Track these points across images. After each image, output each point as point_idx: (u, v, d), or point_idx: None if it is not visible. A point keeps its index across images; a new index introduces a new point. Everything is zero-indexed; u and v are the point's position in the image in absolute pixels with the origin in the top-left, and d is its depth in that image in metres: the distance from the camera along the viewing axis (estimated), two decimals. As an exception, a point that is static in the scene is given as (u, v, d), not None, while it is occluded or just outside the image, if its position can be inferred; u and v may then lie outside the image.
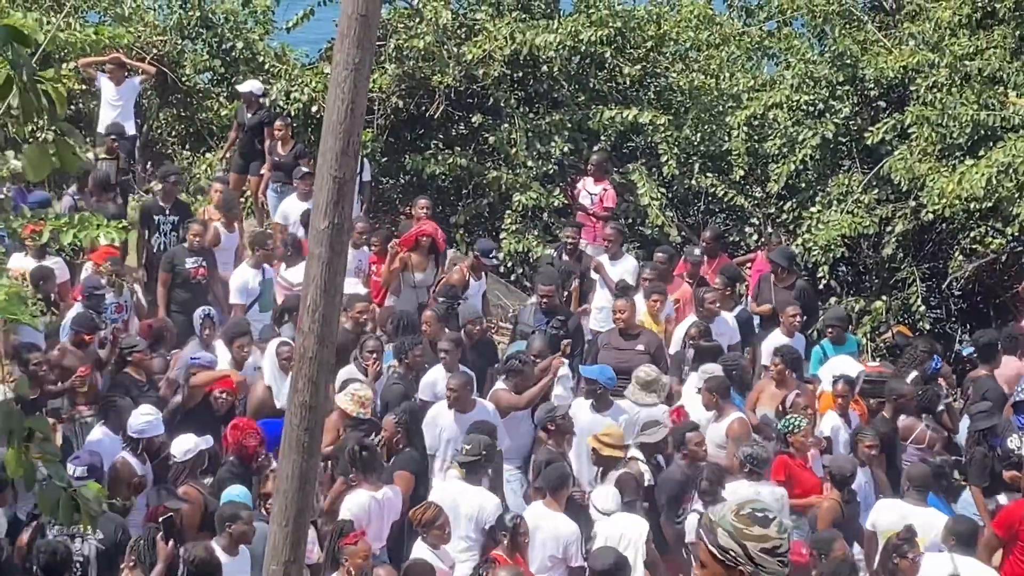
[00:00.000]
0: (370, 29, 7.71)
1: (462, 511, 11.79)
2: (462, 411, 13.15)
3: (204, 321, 14.36)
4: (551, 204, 18.80)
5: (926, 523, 11.90)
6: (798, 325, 15.47)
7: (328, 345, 7.91)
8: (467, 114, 19.50)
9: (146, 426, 12.23)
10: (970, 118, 17.54)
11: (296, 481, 7.91)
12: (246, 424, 12.44)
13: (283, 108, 19.18)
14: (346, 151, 7.77)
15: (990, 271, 18.35)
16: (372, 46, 7.77)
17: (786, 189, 18.75)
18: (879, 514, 12.33)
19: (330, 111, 7.79)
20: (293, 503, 7.93)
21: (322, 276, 7.81)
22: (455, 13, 19.49)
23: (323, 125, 7.89)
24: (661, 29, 19.69)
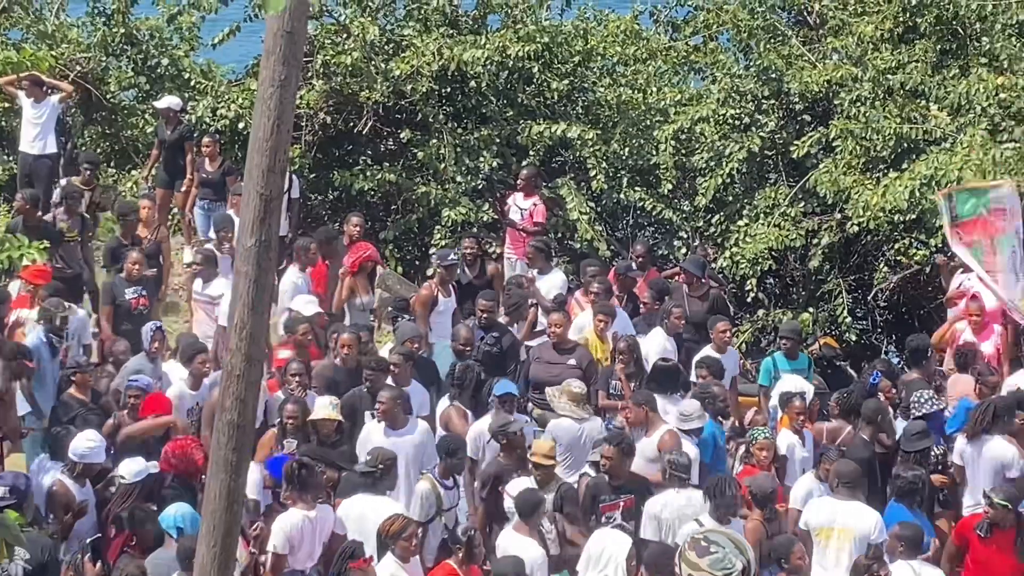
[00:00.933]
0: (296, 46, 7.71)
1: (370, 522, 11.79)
2: (392, 427, 13.15)
3: (155, 333, 14.30)
4: (480, 219, 18.83)
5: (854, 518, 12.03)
6: (729, 340, 15.55)
7: (256, 364, 7.88)
8: (395, 130, 19.50)
9: (88, 452, 12.12)
10: (893, 131, 17.73)
11: (224, 500, 7.87)
12: (190, 439, 12.39)
13: (209, 125, 19.12)
14: (273, 168, 7.75)
15: (914, 282, 18.52)
16: (298, 63, 7.76)
17: (714, 202, 18.86)
18: (810, 512, 12.43)
19: (256, 128, 7.77)
20: (221, 523, 7.89)
21: (249, 294, 7.78)
22: (382, 29, 19.49)
23: (249, 142, 7.87)
24: (588, 44, 19.77)
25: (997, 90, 17.55)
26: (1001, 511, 12.24)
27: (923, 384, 14.54)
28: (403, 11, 19.91)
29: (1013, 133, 17.38)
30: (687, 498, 12.09)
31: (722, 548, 5.29)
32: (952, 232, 15.52)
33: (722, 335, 15.36)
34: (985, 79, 17.71)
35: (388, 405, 13.09)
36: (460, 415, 13.73)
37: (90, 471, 12.10)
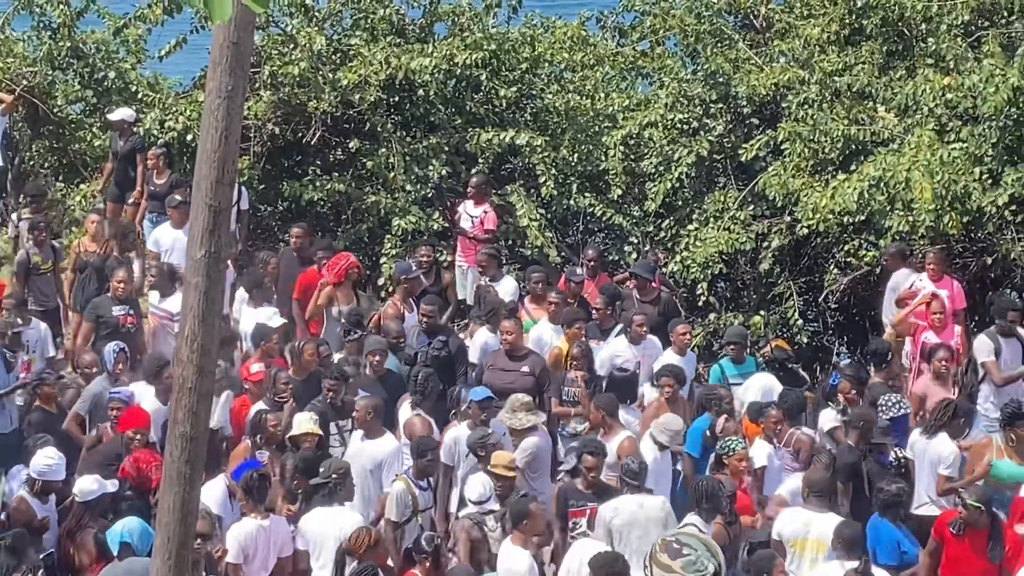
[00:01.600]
0: (243, 57, 7.68)
1: (330, 535, 11.77)
2: (368, 436, 13.18)
3: (118, 355, 14.26)
4: (431, 227, 18.80)
5: (828, 529, 12.07)
6: (689, 342, 15.63)
7: (208, 375, 7.85)
8: (344, 139, 19.46)
9: (46, 469, 12.10)
10: (841, 133, 17.80)
11: (178, 513, 7.83)
12: (149, 456, 12.35)
13: (158, 137, 19.03)
14: (221, 179, 7.72)
15: (865, 284, 18.59)
16: (245, 74, 7.74)
17: (663, 207, 18.89)
18: (783, 523, 12.47)
19: (204, 139, 7.74)
20: (176, 536, 7.86)
21: (199, 305, 7.76)
22: (329, 39, 19.44)
23: (197, 154, 7.84)
24: (536, 51, 19.77)
25: (943, 91, 17.62)
26: (974, 512, 12.33)
27: (885, 388, 14.66)
28: (350, 21, 19.87)
29: (960, 133, 17.46)
30: (639, 504, 12.11)
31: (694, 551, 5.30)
32: None
33: (682, 337, 15.47)
34: (931, 80, 17.79)
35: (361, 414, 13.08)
36: (424, 424, 13.72)
37: (50, 488, 12.06)
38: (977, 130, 17.35)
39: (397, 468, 13.15)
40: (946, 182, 16.78)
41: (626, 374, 14.74)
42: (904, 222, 17.00)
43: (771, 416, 13.77)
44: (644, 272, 16.88)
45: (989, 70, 17.27)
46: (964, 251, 18.08)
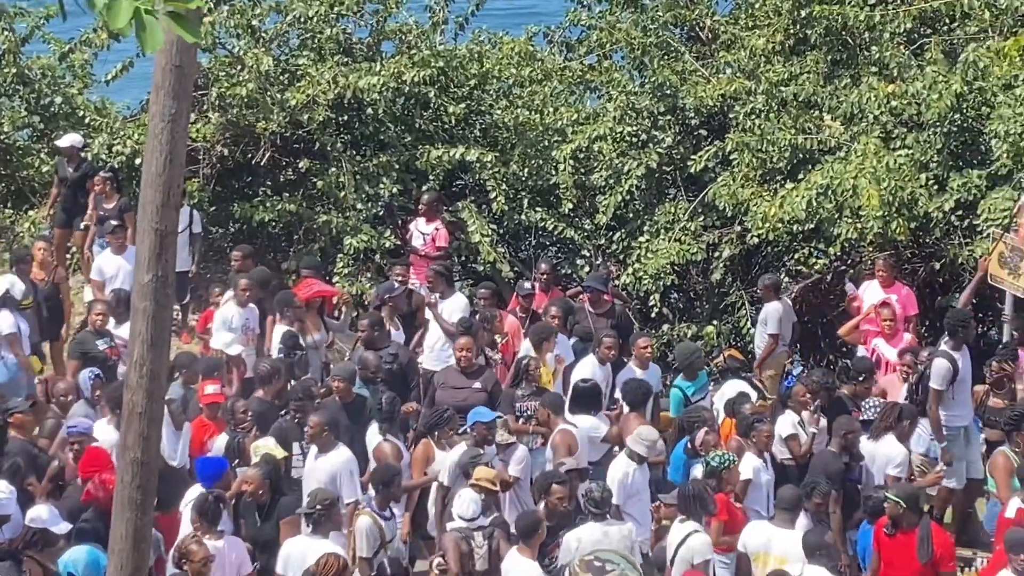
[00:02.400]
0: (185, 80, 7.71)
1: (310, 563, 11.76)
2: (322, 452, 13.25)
3: (94, 381, 14.23)
4: (382, 246, 18.81)
5: (789, 545, 12.20)
6: (651, 355, 15.66)
7: (157, 400, 7.86)
8: (294, 159, 19.46)
9: None
10: (788, 142, 17.91)
11: (131, 540, 7.84)
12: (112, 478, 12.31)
13: (106, 162, 18.98)
14: (167, 203, 7.75)
15: (816, 291, 18.71)
16: (188, 96, 7.77)
17: (615, 220, 18.95)
18: (747, 535, 12.61)
19: (148, 163, 7.77)
20: (129, 562, 7.86)
21: (148, 330, 7.77)
22: (276, 59, 19.43)
23: (142, 178, 7.86)
24: (483, 67, 19.82)
25: (888, 98, 17.76)
26: (893, 506, 12.45)
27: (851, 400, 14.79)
28: (297, 41, 19.88)
29: (906, 140, 17.61)
30: (603, 532, 12.12)
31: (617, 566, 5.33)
32: None
33: (643, 351, 15.51)
34: (876, 87, 17.92)
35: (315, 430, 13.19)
36: (394, 450, 13.71)
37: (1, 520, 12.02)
38: (922, 136, 17.50)
39: (349, 480, 13.14)
40: (893, 188, 16.91)
41: (588, 384, 14.78)
42: (852, 229, 17.12)
43: (762, 432, 13.78)
44: (597, 285, 16.93)
45: (932, 77, 17.42)
46: (913, 257, 18.23)
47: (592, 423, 14.43)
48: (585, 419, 14.38)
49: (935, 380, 14.51)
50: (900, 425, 14.01)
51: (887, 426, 13.96)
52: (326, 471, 13.14)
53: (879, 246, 17.37)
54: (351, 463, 13.27)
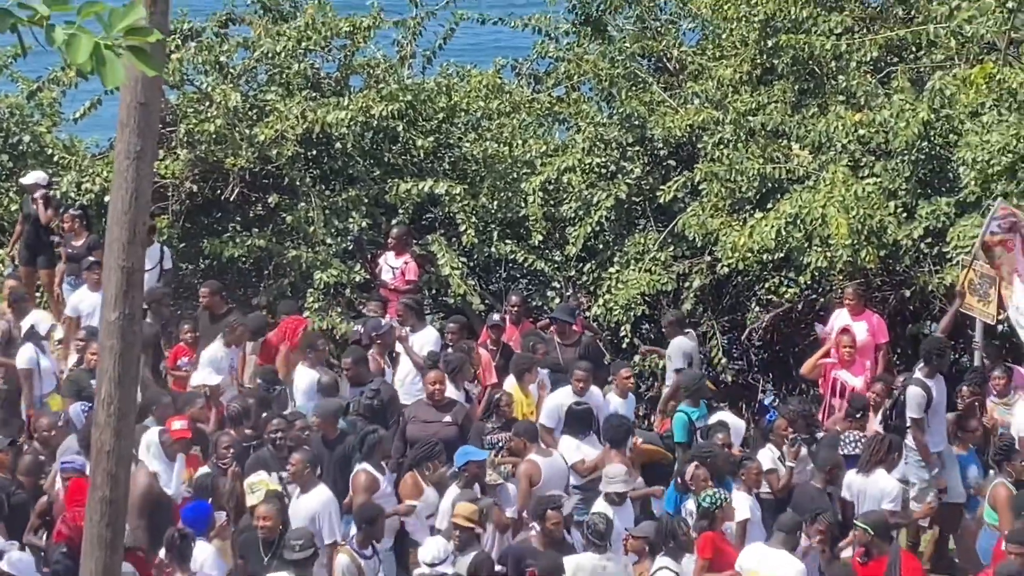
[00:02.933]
0: (151, 117, 7.70)
1: None
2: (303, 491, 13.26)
3: (88, 414, 14.19)
4: (352, 280, 18.79)
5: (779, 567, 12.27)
6: (631, 386, 15.65)
7: (126, 437, 7.82)
8: (263, 195, 19.42)
9: None
10: (757, 172, 17.95)
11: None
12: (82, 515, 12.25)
13: (74, 199, 18.93)
14: (132, 240, 7.73)
15: (787, 320, 18.74)
16: (154, 133, 7.75)
17: (584, 251, 18.96)
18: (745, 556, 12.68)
19: (114, 201, 7.75)
20: (99, 601, 7.80)
21: (115, 368, 7.74)
22: (244, 95, 19.41)
23: (108, 215, 7.83)
24: (452, 100, 19.83)
25: (855, 127, 17.82)
26: (862, 533, 12.47)
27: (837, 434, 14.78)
28: (265, 76, 19.86)
29: (874, 168, 17.67)
30: (603, 567, 12.12)
31: None
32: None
33: (625, 381, 15.52)
34: (843, 116, 17.99)
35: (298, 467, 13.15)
36: (369, 480, 13.66)
37: None
38: (890, 164, 17.57)
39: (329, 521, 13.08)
40: (861, 217, 16.96)
41: (582, 408, 14.80)
42: (822, 258, 17.15)
43: (751, 469, 13.73)
44: (564, 316, 16.95)
45: (899, 105, 17.50)
46: (883, 285, 18.27)
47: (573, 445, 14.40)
48: (571, 442, 14.36)
49: (911, 408, 14.52)
50: (890, 458, 13.95)
51: (877, 460, 13.87)
52: (307, 511, 13.07)
53: (849, 275, 17.41)
54: (332, 503, 13.20)
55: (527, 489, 13.74)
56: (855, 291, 16.84)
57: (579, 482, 14.32)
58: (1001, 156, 16.62)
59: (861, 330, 16.58)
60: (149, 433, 13.85)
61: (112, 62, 4.51)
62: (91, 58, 4.49)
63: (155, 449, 13.71)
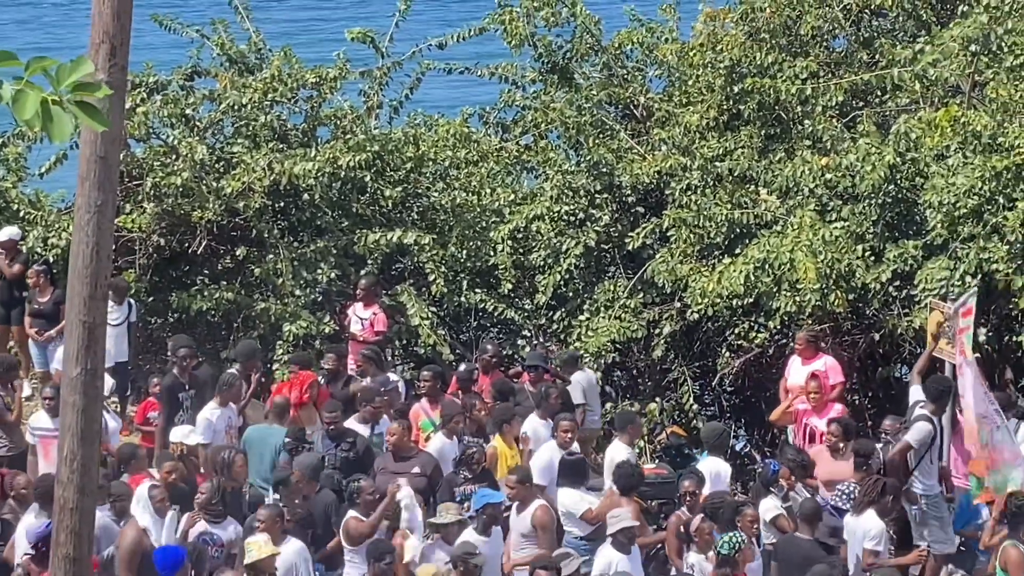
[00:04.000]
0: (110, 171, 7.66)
1: None
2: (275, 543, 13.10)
3: None
4: (322, 331, 18.72)
5: None
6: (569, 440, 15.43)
7: (89, 494, 7.74)
8: (231, 247, 19.37)
9: None
10: (725, 217, 17.98)
11: (65, 638, 7.69)
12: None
13: (41, 255, 18.85)
14: (94, 295, 7.67)
15: (757, 365, 18.73)
16: (114, 188, 7.71)
17: (554, 299, 18.95)
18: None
19: (75, 256, 7.69)
20: (63, 661, 7.71)
21: (78, 424, 7.67)
22: (211, 148, 19.38)
23: (69, 270, 7.77)
24: (419, 150, 19.83)
25: (822, 171, 17.87)
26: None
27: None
28: (231, 129, 19.84)
29: (841, 212, 17.71)
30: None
31: None
32: None
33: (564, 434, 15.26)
34: (810, 161, 18.04)
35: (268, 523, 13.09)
36: (359, 524, 13.65)
37: None
38: (857, 208, 17.61)
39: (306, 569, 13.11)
40: (829, 261, 16.99)
41: (574, 457, 14.74)
42: (791, 302, 17.16)
43: (747, 515, 13.63)
44: (538, 363, 16.91)
45: (865, 149, 17.56)
46: (852, 328, 18.27)
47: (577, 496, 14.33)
48: (574, 493, 14.31)
49: (913, 435, 14.42)
50: (883, 500, 13.90)
51: (870, 500, 13.84)
52: (283, 562, 13.02)
53: (818, 319, 17.41)
54: (303, 552, 13.23)
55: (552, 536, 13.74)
56: (805, 336, 16.81)
57: (584, 532, 14.20)
58: (967, 199, 16.68)
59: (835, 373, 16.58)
60: (140, 488, 13.76)
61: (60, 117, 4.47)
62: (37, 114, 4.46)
63: (144, 503, 13.62)
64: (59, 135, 4.58)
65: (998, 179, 16.67)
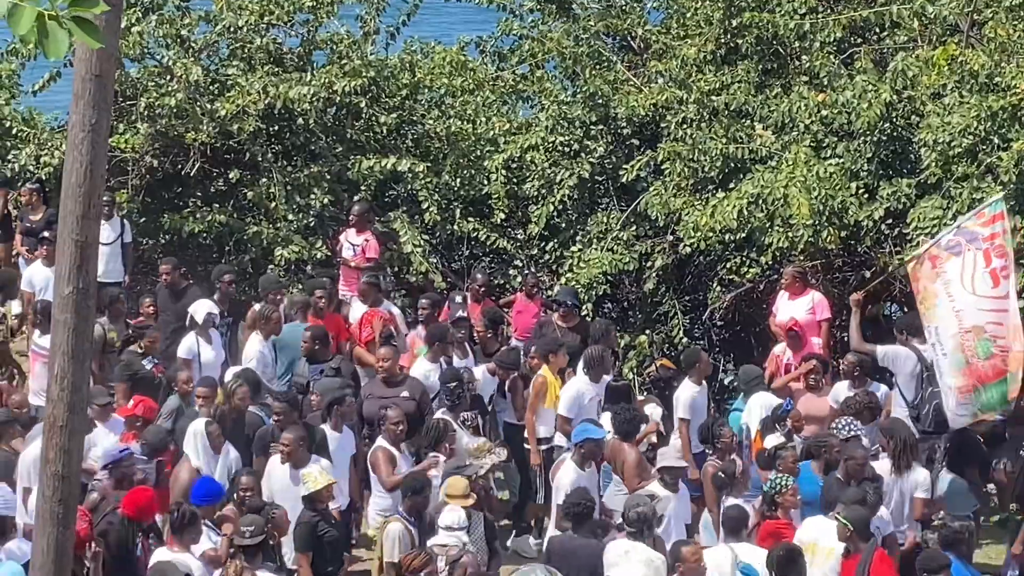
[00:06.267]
0: (105, 89, 7.62)
1: None
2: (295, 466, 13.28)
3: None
4: (314, 257, 18.71)
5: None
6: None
7: (79, 412, 7.76)
8: (224, 170, 19.32)
9: None
10: (720, 152, 17.93)
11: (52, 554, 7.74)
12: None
13: (33, 173, 18.81)
14: (87, 214, 7.66)
15: (748, 300, 18.73)
16: (108, 106, 7.68)
17: (547, 230, 18.92)
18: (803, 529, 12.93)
19: (68, 174, 7.68)
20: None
21: (68, 343, 7.68)
22: (206, 69, 19.30)
23: (63, 188, 7.76)
24: (415, 77, 19.75)
25: (818, 107, 17.83)
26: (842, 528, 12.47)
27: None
28: (227, 51, 19.75)
29: (836, 149, 17.67)
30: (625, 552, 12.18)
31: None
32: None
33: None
34: (806, 97, 17.98)
35: (292, 446, 13.15)
36: (386, 456, 13.65)
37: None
38: (852, 145, 17.57)
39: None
40: (823, 197, 16.96)
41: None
42: (784, 238, 17.16)
43: (788, 458, 13.70)
44: (568, 298, 16.87)
45: (862, 86, 17.50)
46: (844, 265, 18.29)
47: None
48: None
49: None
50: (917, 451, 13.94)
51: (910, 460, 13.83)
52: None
53: (810, 255, 17.42)
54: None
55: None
56: (793, 271, 16.86)
57: None
58: (962, 138, 16.64)
59: (801, 309, 16.63)
60: (196, 423, 13.78)
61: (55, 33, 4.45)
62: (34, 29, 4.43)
63: (201, 439, 13.64)
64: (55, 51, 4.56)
65: (994, 119, 16.62)
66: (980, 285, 14.30)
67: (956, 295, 14.35)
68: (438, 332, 15.75)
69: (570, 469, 13.48)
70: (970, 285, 14.33)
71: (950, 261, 14.44)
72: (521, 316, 17.52)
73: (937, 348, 14.52)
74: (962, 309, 14.29)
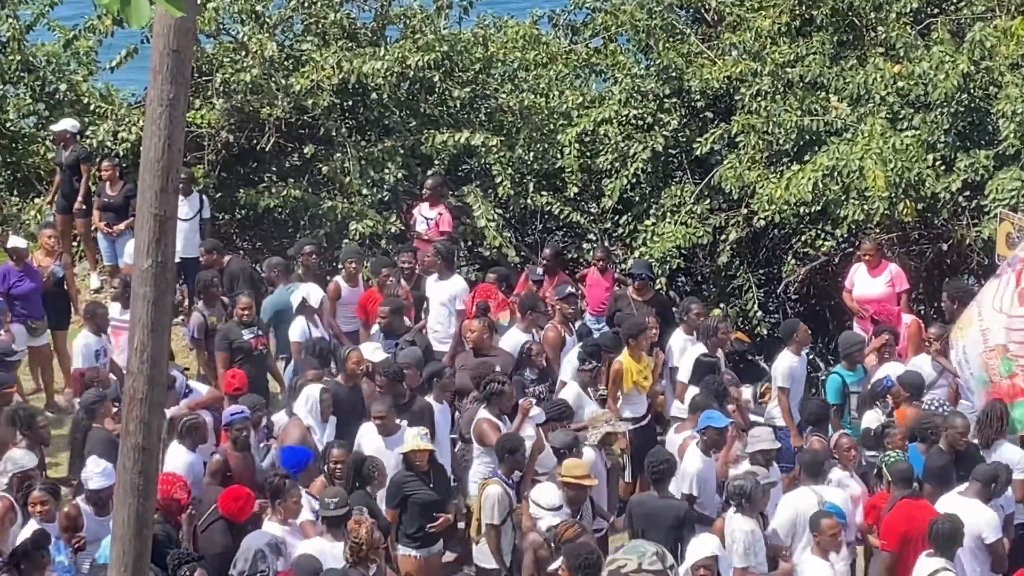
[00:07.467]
0: (183, 64, 7.66)
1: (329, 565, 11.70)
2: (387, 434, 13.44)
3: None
4: (388, 231, 18.78)
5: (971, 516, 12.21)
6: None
7: (158, 386, 7.83)
8: (299, 145, 19.42)
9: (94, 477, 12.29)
10: (794, 124, 17.83)
11: (133, 526, 7.81)
12: (173, 478, 12.33)
13: (111, 148, 18.97)
14: (165, 188, 7.70)
15: (823, 273, 18.65)
16: (186, 81, 7.72)
17: (620, 203, 18.89)
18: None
19: (147, 148, 7.72)
20: (131, 548, 7.83)
21: (148, 316, 7.73)
22: (281, 45, 19.39)
23: (141, 163, 7.81)
24: (488, 51, 19.75)
25: (894, 79, 17.70)
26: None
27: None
28: (301, 26, 19.84)
29: (912, 121, 17.54)
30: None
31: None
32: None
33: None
34: (882, 68, 17.86)
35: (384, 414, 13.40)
36: (492, 426, 13.67)
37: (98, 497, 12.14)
38: (929, 117, 17.44)
39: None
40: (899, 169, 16.84)
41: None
42: (859, 211, 17.05)
43: (896, 435, 13.58)
44: (643, 271, 16.81)
45: (939, 57, 17.35)
46: (920, 238, 18.16)
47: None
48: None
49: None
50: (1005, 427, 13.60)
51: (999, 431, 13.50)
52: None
53: (886, 227, 17.31)
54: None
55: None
56: (873, 244, 16.70)
57: None
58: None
59: (881, 282, 16.49)
60: (310, 387, 13.94)
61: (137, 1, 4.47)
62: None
63: (312, 404, 13.83)
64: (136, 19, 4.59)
65: (1074, 89, 16.46)
66: (1008, 304, 14.22)
67: (985, 314, 14.31)
68: (530, 301, 15.74)
69: (696, 457, 13.34)
70: (999, 303, 14.27)
71: (989, 282, 14.48)
72: (593, 290, 17.49)
73: (964, 368, 14.48)
74: (989, 328, 14.25)
